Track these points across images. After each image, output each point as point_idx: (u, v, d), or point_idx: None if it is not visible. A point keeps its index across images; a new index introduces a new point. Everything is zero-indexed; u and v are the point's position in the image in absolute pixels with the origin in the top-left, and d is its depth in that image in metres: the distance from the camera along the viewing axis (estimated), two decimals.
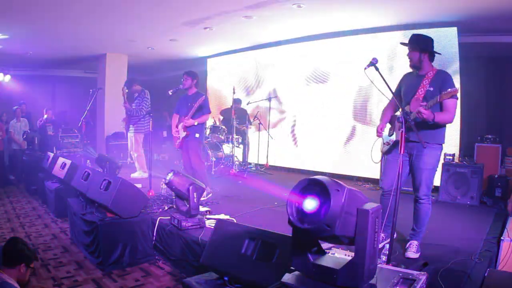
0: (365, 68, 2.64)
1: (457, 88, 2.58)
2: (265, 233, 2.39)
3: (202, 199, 4.22)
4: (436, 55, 2.91)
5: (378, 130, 3.03)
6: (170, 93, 4.80)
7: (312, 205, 1.62)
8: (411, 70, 3.01)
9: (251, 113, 7.55)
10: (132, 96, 6.07)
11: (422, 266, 2.56)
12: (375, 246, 1.61)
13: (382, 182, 3.08)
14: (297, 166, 7.24)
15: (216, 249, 2.53)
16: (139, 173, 6.12)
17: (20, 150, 7.66)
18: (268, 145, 7.22)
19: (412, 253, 2.79)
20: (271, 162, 7.43)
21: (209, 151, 6.85)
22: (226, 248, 2.47)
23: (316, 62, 6.97)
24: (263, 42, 7.55)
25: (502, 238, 2.90)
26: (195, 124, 4.65)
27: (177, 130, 4.76)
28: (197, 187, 3.37)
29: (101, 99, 8.55)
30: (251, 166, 7.51)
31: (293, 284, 1.74)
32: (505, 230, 2.98)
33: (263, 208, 4.33)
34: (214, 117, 7.60)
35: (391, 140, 3.02)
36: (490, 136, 5.42)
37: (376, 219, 1.60)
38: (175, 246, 3.37)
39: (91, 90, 6.38)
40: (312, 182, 1.66)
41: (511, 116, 5.66)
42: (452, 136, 5.21)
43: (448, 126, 2.88)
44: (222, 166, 7.00)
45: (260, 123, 7.18)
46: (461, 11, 4.96)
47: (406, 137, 2.60)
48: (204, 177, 4.59)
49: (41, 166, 6.12)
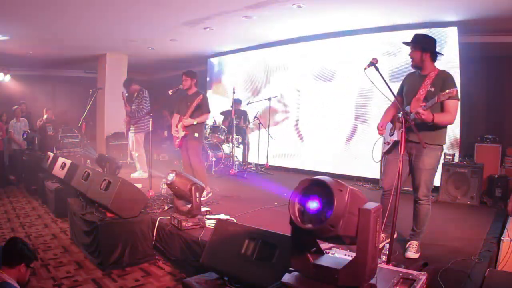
0: (365, 68, 2.65)
1: (456, 89, 2.55)
2: (265, 233, 2.39)
3: (202, 199, 4.21)
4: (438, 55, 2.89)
5: (379, 128, 3.03)
6: (170, 93, 4.79)
7: (315, 206, 1.62)
8: (414, 70, 2.99)
9: (252, 114, 7.56)
10: (132, 97, 6.08)
11: (422, 266, 2.55)
12: (376, 246, 1.61)
13: (383, 182, 3.09)
14: (297, 166, 7.25)
15: (216, 249, 2.53)
16: (139, 173, 6.12)
17: (20, 150, 7.65)
18: (268, 145, 7.22)
19: (412, 253, 2.79)
20: (271, 162, 7.43)
21: (209, 151, 6.86)
22: (226, 248, 2.46)
23: (316, 62, 6.97)
24: (263, 42, 7.55)
25: (502, 238, 2.90)
26: (194, 124, 4.65)
27: (177, 130, 4.77)
28: (198, 187, 3.39)
29: (101, 99, 8.56)
30: (251, 166, 7.51)
31: (293, 284, 1.74)
32: (505, 230, 2.97)
33: (263, 208, 4.33)
34: (215, 117, 7.60)
35: (391, 140, 3.02)
36: (490, 136, 5.42)
37: (377, 219, 1.59)
38: (175, 246, 3.37)
39: (91, 90, 6.39)
40: (315, 182, 1.66)
41: (511, 116, 5.66)
42: (452, 136, 5.22)
43: (448, 126, 2.86)
44: (222, 166, 7.01)
45: (260, 123, 7.18)
46: (461, 11, 4.96)
47: (406, 137, 2.59)
48: (204, 177, 4.59)
49: (41, 166, 6.12)
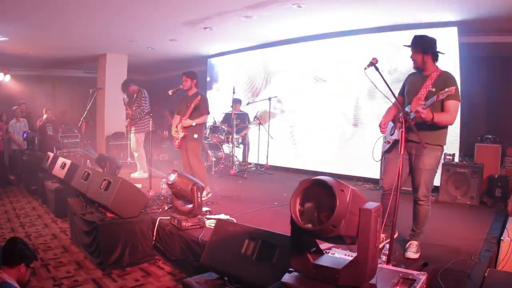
0: (365, 68, 2.64)
1: (455, 87, 2.55)
2: (265, 233, 2.39)
3: (202, 199, 4.22)
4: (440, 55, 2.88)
5: (381, 126, 3.02)
6: (170, 93, 4.79)
7: (316, 206, 1.62)
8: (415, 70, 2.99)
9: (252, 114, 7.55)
10: (132, 99, 6.07)
11: (422, 266, 2.55)
12: (377, 245, 1.61)
13: (383, 182, 3.09)
14: (297, 166, 7.25)
15: (216, 249, 2.53)
16: (139, 173, 6.12)
17: (20, 150, 7.65)
18: (268, 145, 7.22)
19: (412, 253, 2.79)
20: (271, 162, 7.43)
21: (209, 151, 6.85)
22: (226, 248, 2.46)
23: (316, 62, 6.96)
24: (263, 42, 7.54)
25: (502, 238, 2.90)
26: (193, 125, 4.65)
27: (177, 130, 4.78)
28: (199, 187, 3.40)
29: (101, 99, 8.55)
30: (251, 166, 7.51)
31: (293, 284, 1.74)
32: (505, 230, 2.97)
33: (263, 208, 4.33)
34: (215, 117, 7.60)
35: (392, 139, 3.02)
36: (490, 136, 5.41)
37: (378, 219, 1.59)
38: (175, 246, 3.37)
39: (91, 90, 6.39)
40: (316, 183, 1.65)
41: (511, 116, 5.65)
42: (452, 136, 5.21)
43: (449, 126, 2.86)
44: (222, 166, 7.01)
45: (260, 123, 7.18)
46: (461, 11, 4.96)
47: (406, 137, 2.59)
48: (203, 177, 4.59)
49: (41, 166, 6.12)
